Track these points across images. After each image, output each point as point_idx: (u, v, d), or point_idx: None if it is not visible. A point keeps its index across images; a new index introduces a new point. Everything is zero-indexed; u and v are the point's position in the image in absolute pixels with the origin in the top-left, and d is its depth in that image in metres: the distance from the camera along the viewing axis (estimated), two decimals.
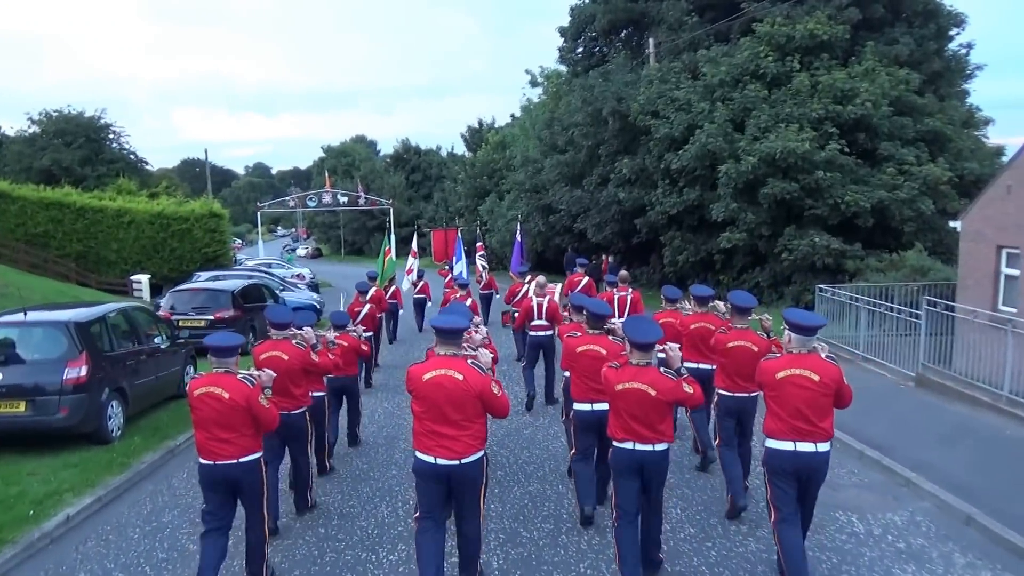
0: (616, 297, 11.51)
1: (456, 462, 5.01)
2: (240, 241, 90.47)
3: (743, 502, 6.88)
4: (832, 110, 19.31)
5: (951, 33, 23.04)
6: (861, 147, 19.60)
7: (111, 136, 41.23)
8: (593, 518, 6.78)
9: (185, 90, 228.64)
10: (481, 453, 5.16)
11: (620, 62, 25.75)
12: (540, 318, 11.15)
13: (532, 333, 11.23)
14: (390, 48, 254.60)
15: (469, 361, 5.14)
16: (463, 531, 5.36)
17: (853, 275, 17.87)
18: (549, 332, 10.99)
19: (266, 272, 30.25)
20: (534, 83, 41.49)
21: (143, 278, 27.48)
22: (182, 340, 12.34)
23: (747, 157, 18.73)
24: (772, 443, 5.42)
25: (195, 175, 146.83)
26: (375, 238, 67.38)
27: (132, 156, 42.13)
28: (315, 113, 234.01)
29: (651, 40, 26.36)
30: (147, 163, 44.44)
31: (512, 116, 50.54)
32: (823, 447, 5.32)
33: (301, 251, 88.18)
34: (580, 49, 33.41)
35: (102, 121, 40.66)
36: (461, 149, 64.22)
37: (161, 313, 16.31)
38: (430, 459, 5.04)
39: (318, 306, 23.21)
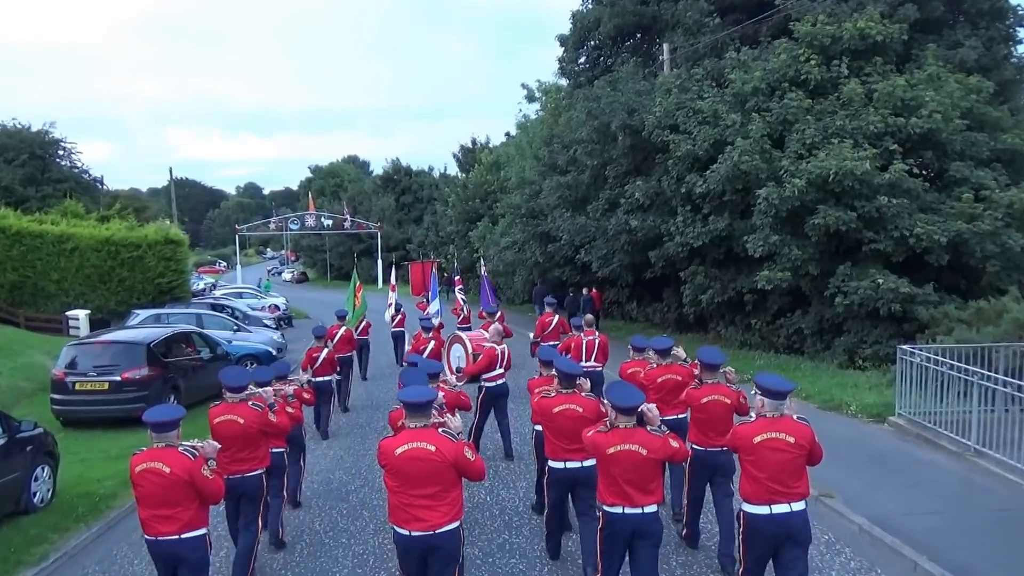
0: (584, 342, 11.43)
1: (431, 532, 4.98)
2: (224, 264, 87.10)
3: (697, 540, 7.20)
4: (892, 123, 15.97)
5: (1020, 36, 19.81)
6: (927, 168, 16.26)
7: (61, 153, 37.38)
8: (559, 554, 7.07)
9: (180, 110, 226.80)
10: (457, 523, 5.10)
11: (630, 70, 22.42)
12: (500, 366, 10.58)
13: (488, 384, 10.47)
14: (389, 70, 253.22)
15: (440, 430, 5.08)
16: None
17: (925, 326, 14.42)
18: (504, 380, 10.73)
19: (228, 305, 26.94)
20: (531, 98, 38.23)
21: (80, 313, 23.91)
22: (27, 434, 8.73)
23: (792, 179, 15.31)
24: (748, 507, 5.44)
25: (183, 195, 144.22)
26: (362, 263, 63.88)
27: (85, 175, 38.28)
28: (311, 134, 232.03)
29: (665, 46, 23.10)
30: (101, 182, 40.62)
31: (507, 135, 47.21)
32: (797, 506, 5.38)
33: (286, 275, 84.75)
34: (582, 59, 30.18)
35: (50, 136, 36.79)
36: (454, 170, 60.93)
37: (55, 373, 12.83)
38: (405, 532, 5.03)
39: (273, 351, 19.72)
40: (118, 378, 12.43)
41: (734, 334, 19.54)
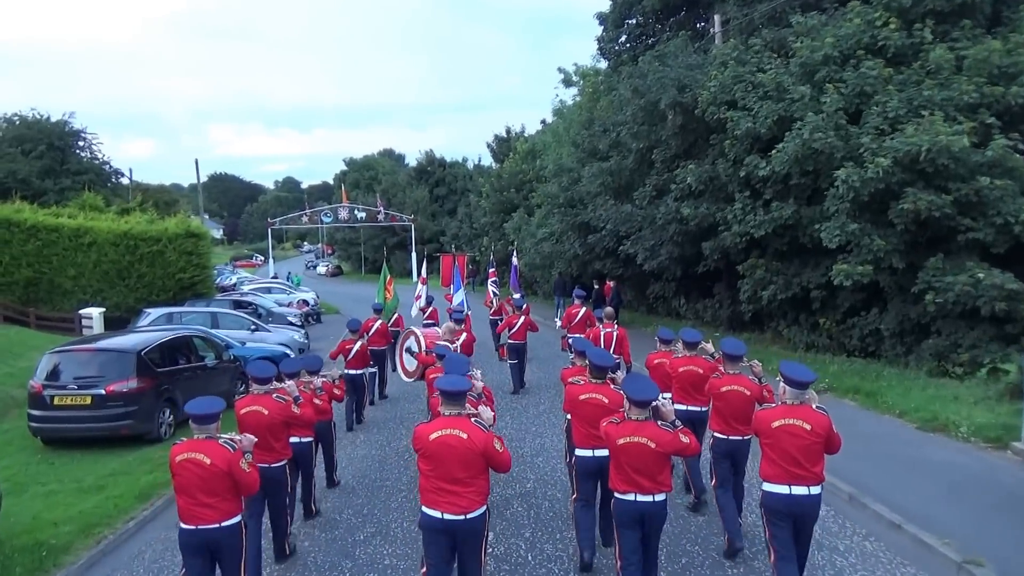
0: (603, 333, 11.63)
1: (462, 517, 5.14)
2: (261, 257, 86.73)
3: (741, 543, 6.88)
4: (989, 93, 13.80)
5: None
6: None
7: (81, 143, 36.06)
8: (592, 564, 6.67)
9: (222, 107, 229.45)
10: (484, 508, 5.30)
11: (678, 45, 20.39)
12: None
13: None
14: (425, 65, 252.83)
15: (473, 420, 5.27)
16: None
17: None
18: None
19: (252, 302, 25.67)
20: (568, 82, 36.22)
21: (94, 312, 22.67)
22: None
23: (876, 158, 13.24)
24: (768, 487, 5.68)
25: (222, 190, 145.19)
26: (396, 256, 62.65)
27: (106, 167, 36.93)
28: (349, 129, 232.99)
29: (716, 17, 21.04)
30: (122, 174, 39.33)
31: (543, 122, 45.23)
32: (815, 490, 5.58)
33: (321, 269, 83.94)
34: (623, 38, 28.16)
35: (70, 127, 35.49)
36: (488, 161, 59.13)
37: (32, 384, 11.37)
38: (437, 514, 5.17)
39: (292, 352, 18.19)
40: (102, 391, 10.89)
41: (798, 334, 17.49)
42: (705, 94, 17.00)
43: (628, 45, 27.73)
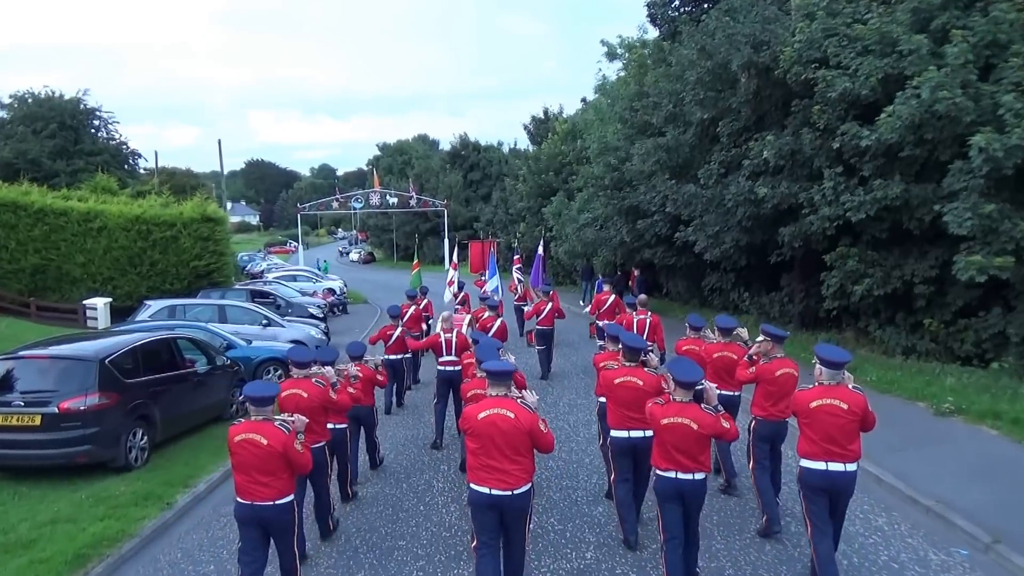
0: (636, 321, 11.79)
1: (508, 492, 5.30)
2: (295, 244, 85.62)
3: (778, 527, 7.00)
4: None
5: None
6: None
7: (96, 123, 34.20)
8: (636, 544, 6.83)
9: (261, 95, 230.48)
10: (530, 485, 5.44)
11: None
12: (449, 353, 10.36)
13: (440, 368, 10.44)
14: (462, 52, 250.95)
15: (519, 401, 5.43)
16: (510, 556, 5.57)
17: None
18: (458, 367, 10.03)
19: (273, 292, 23.67)
20: (612, 55, 33.47)
21: (99, 302, 20.84)
22: None
23: None
24: (806, 463, 5.86)
25: (259, 177, 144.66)
26: (429, 242, 60.63)
27: (123, 147, 35.00)
28: (385, 116, 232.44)
29: None
30: (140, 155, 37.52)
31: (583, 100, 42.44)
32: (851, 467, 5.76)
33: (354, 255, 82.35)
34: (677, 1, 25.42)
35: (84, 105, 33.60)
36: (525, 144, 56.45)
37: None
38: (484, 490, 5.34)
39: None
40: (54, 410, 8.74)
41: (894, 336, 14.79)
42: (788, 51, 14.34)
43: (682, 11, 25.02)
